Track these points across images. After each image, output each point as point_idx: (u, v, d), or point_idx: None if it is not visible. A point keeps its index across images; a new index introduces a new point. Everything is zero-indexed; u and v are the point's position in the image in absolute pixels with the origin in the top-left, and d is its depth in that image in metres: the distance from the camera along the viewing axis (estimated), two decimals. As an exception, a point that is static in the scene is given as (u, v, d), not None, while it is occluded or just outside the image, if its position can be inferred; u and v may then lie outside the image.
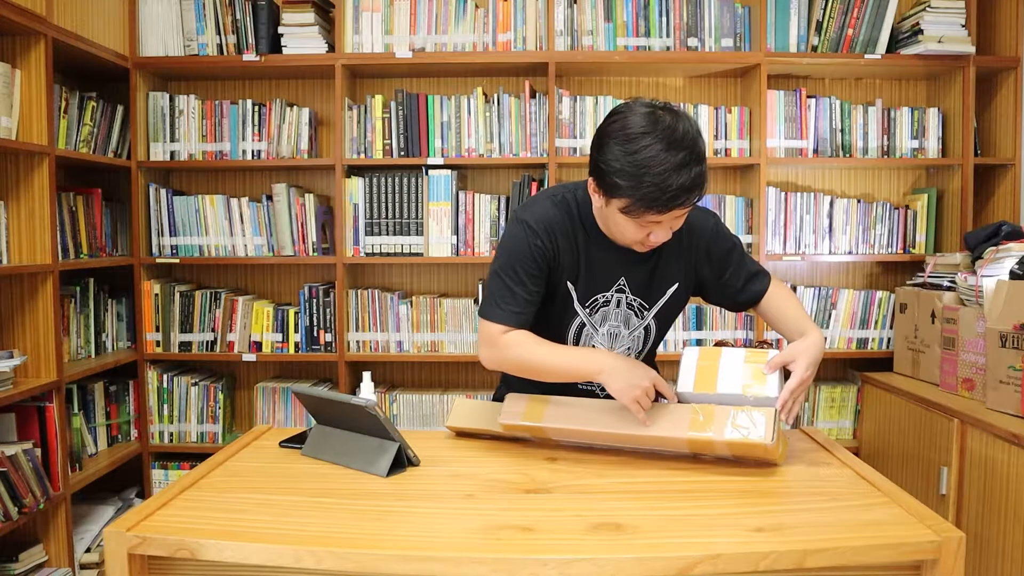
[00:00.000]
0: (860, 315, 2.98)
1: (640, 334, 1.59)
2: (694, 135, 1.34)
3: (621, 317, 1.56)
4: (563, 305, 1.54)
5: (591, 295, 1.53)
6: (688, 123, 1.34)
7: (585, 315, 1.54)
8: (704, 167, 1.35)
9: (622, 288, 1.53)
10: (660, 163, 1.29)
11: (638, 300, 1.55)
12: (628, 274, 1.53)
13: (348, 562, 1.10)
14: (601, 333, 1.56)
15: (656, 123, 1.32)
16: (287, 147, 2.95)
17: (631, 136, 1.32)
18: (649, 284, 1.55)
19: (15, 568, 2.33)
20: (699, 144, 1.34)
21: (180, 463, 3.03)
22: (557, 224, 1.48)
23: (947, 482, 2.31)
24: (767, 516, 1.21)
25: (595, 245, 1.50)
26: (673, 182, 1.30)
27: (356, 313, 2.96)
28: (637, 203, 1.33)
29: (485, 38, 2.90)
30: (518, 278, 1.47)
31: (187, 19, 2.90)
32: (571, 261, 1.50)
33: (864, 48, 2.87)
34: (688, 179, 1.30)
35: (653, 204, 1.31)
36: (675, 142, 1.31)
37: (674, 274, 1.56)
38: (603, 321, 1.56)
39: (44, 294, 2.43)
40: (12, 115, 2.33)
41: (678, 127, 1.32)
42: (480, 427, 1.64)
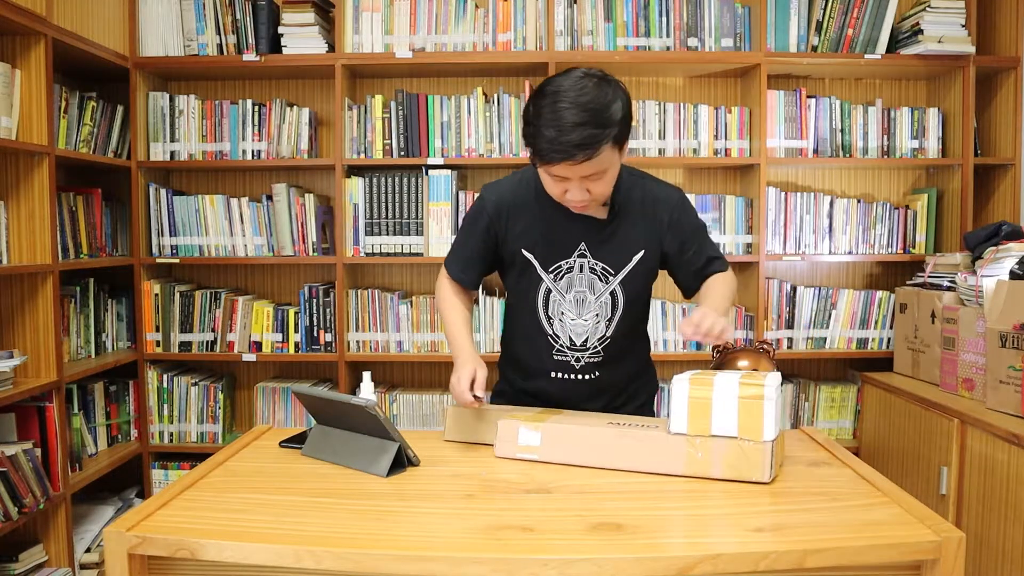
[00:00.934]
0: (860, 315, 2.98)
1: (607, 300, 1.63)
2: (605, 103, 1.40)
3: (586, 283, 1.61)
4: (526, 272, 1.63)
5: (554, 261, 1.61)
6: (608, 92, 1.42)
7: (550, 281, 1.62)
8: (604, 132, 1.39)
9: (583, 253, 1.60)
10: (555, 118, 1.38)
11: (601, 265, 1.61)
12: (588, 239, 1.59)
13: (348, 562, 1.10)
14: (568, 299, 1.62)
15: (572, 85, 1.40)
16: (287, 147, 2.95)
17: (545, 92, 1.42)
18: (611, 250, 1.60)
19: (15, 568, 2.33)
20: (606, 111, 1.40)
21: (180, 463, 3.03)
22: (511, 195, 1.63)
23: (947, 482, 2.31)
24: (767, 516, 1.21)
25: (554, 214, 1.58)
26: (559, 136, 1.37)
27: (356, 313, 2.96)
28: (535, 153, 1.44)
29: (485, 38, 2.90)
30: (464, 238, 1.69)
31: (187, 19, 2.90)
32: (525, 229, 1.61)
33: (864, 48, 2.87)
34: (578, 137, 1.37)
35: (543, 155, 1.41)
36: (579, 104, 1.38)
37: (638, 241, 1.61)
38: (569, 287, 1.62)
39: (44, 294, 2.43)
40: (12, 115, 2.33)
41: (590, 91, 1.40)
42: (479, 440, 1.60)
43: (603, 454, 1.44)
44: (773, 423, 1.33)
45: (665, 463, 1.39)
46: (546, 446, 1.48)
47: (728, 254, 2.95)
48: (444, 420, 1.66)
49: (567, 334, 1.65)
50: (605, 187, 1.49)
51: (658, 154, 2.94)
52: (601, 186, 1.48)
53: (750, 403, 1.33)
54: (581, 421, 1.52)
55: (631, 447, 1.42)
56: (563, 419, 1.54)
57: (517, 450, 1.49)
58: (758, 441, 1.33)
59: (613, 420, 1.52)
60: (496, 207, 1.63)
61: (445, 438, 1.64)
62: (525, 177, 1.64)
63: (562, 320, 1.63)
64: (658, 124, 2.94)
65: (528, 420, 1.51)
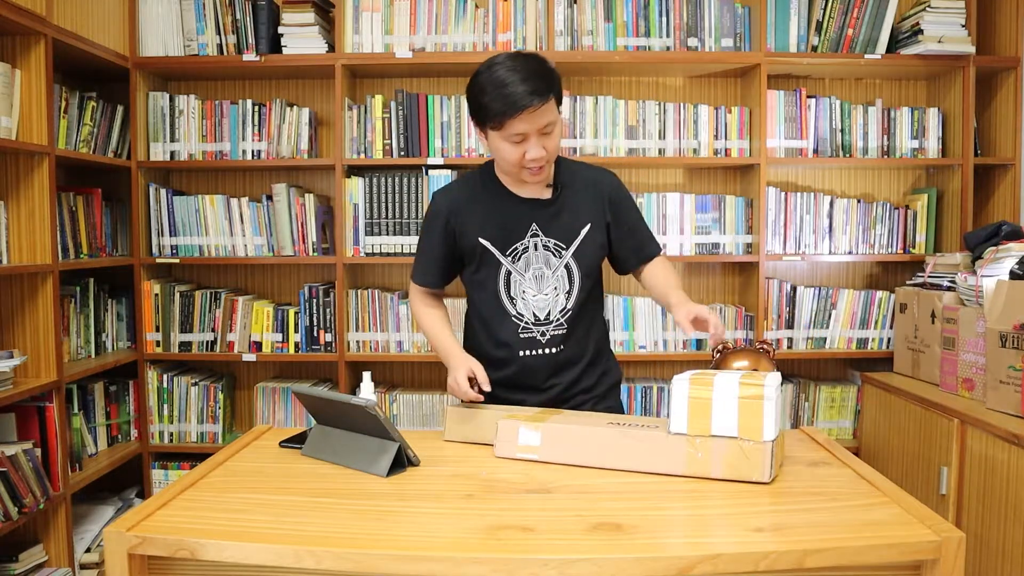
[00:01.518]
0: (860, 315, 2.98)
1: (563, 273, 1.73)
2: (538, 62, 1.59)
3: (542, 259, 1.72)
4: (485, 260, 1.73)
5: (510, 244, 1.72)
6: (536, 58, 1.60)
7: (508, 263, 1.72)
8: (548, 81, 1.57)
9: (536, 233, 1.71)
10: (501, 80, 1.54)
11: (553, 241, 1.72)
12: (537, 219, 1.71)
13: (348, 562, 1.10)
14: (528, 278, 1.72)
15: (503, 59, 1.58)
16: (287, 147, 2.95)
17: (480, 72, 1.59)
18: (560, 226, 1.72)
19: (15, 568, 2.33)
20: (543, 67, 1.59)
21: (180, 463, 3.03)
22: (460, 192, 1.76)
23: (947, 482, 2.31)
24: (767, 516, 1.22)
25: (502, 201, 1.72)
26: (510, 90, 1.53)
27: (356, 313, 2.96)
28: (492, 118, 1.56)
29: (485, 38, 2.90)
30: (425, 244, 1.79)
31: (187, 19, 2.90)
32: (478, 220, 1.72)
33: (864, 48, 2.87)
34: (530, 86, 1.53)
35: (501, 114, 1.54)
36: (516, 68, 1.55)
37: (583, 216, 1.73)
38: (527, 266, 1.72)
39: (44, 294, 2.43)
40: (12, 115, 2.33)
41: (521, 59, 1.57)
42: (479, 440, 1.62)
43: (603, 454, 1.44)
44: (773, 423, 1.33)
45: (665, 463, 1.40)
46: (546, 446, 1.48)
47: (728, 254, 2.96)
48: (444, 420, 1.67)
49: (530, 310, 1.74)
50: (555, 143, 1.63)
51: (658, 154, 2.93)
52: (553, 142, 1.62)
53: (750, 403, 1.33)
54: (581, 421, 1.53)
55: (631, 447, 1.42)
56: (563, 419, 1.54)
57: (517, 450, 1.50)
58: (758, 441, 1.33)
59: (613, 420, 1.52)
60: (449, 206, 1.74)
61: (445, 438, 1.64)
62: (469, 176, 1.79)
63: (524, 298, 1.73)
64: (658, 124, 2.94)
65: (528, 420, 1.52)
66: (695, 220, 2.95)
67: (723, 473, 1.36)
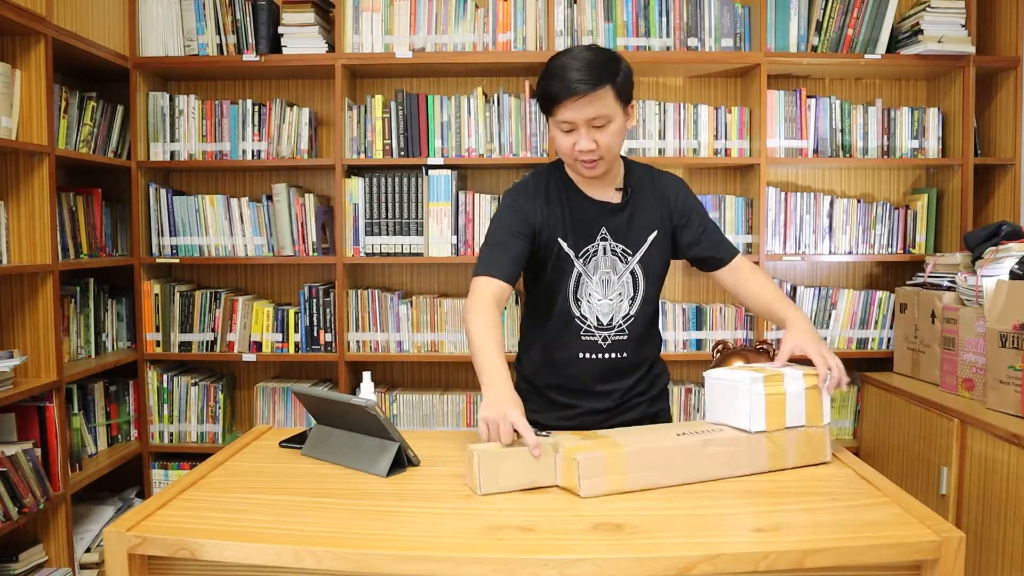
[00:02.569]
0: (860, 315, 2.98)
1: (628, 279, 1.72)
2: (608, 56, 1.58)
3: (609, 264, 1.70)
4: (560, 260, 1.69)
5: (582, 247, 1.69)
6: (609, 52, 1.60)
7: (580, 266, 1.69)
8: (604, 72, 1.54)
9: (605, 237, 1.69)
10: (563, 66, 1.55)
11: (621, 247, 1.70)
12: (607, 223, 1.69)
13: (348, 562, 1.10)
14: (595, 281, 1.70)
15: (578, 48, 1.60)
16: (287, 147, 2.95)
17: (554, 57, 1.61)
18: (628, 231, 1.70)
19: (15, 568, 2.33)
20: (608, 61, 1.57)
21: (180, 463, 3.03)
22: (536, 188, 1.70)
23: (947, 482, 2.31)
24: (767, 516, 1.22)
25: (575, 202, 1.69)
26: (564, 75, 1.54)
27: (356, 313, 2.96)
28: (546, 102, 1.57)
29: (485, 38, 2.90)
30: (502, 238, 1.66)
31: (187, 19, 2.90)
32: (555, 218, 1.68)
33: (864, 48, 2.87)
34: (579, 74, 1.53)
35: (552, 98, 1.55)
36: (581, 57, 1.56)
37: (651, 223, 1.72)
38: (595, 270, 1.70)
39: (44, 294, 2.42)
40: (12, 115, 2.33)
41: (593, 50, 1.58)
42: (528, 485, 1.34)
43: (690, 468, 1.36)
44: (828, 409, 1.46)
45: (751, 463, 1.40)
46: (633, 479, 1.32)
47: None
48: (470, 470, 1.34)
49: (594, 314, 1.71)
50: (610, 138, 1.58)
51: (658, 154, 2.93)
52: (606, 137, 1.57)
53: (814, 392, 1.44)
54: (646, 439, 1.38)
55: (717, 455, 1.38)
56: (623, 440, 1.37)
57: (605, 490, 1.30)
58: (820, 426, 1.45)
59: (668, 430, 1.44)
60: (530, 204, 1.68)
61: (482, 492, 1.31)
62: (541, 173, 1.74)
63: (589, 301, 1.71)
64: (658, 124, 2.94)
65: (591, 449, 1.32)
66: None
67: (795, 462, 1.42)
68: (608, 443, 1.35)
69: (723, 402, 1.47)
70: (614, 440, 1.36)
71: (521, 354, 1.87)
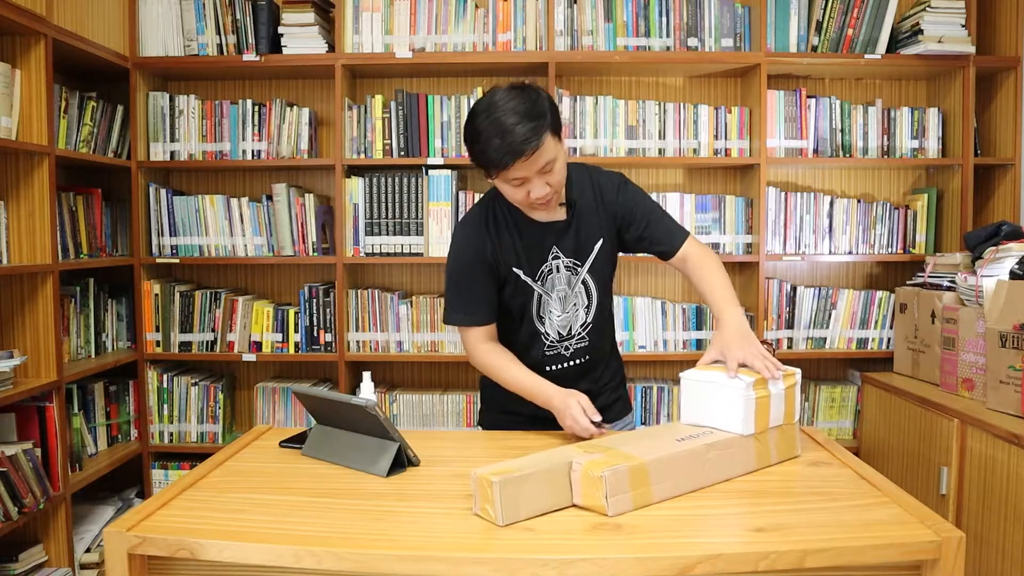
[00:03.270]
0: (860, 315, 2.98)
1: (581, 289, 1.75)
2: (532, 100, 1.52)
3: (564, 280, 1.73)
4: (519, 287, 1.72)
5: (537, 269, 1.71)
6: (531, 93, 1.53)
7: (539, 287, 1.72)
8: (541, 123, 1.50)
9: (557, 255, 1.71)
10: (496, 127, 1.49)
11: (571, 260, 1.73)
12: (558, 242, 1.71)
13: (348, 562, 1.10)
14: (554, 299, 1.73)
15: (500, 98, 1.52)
16: (287, 147, 2.95)
17: (477, 112, 1.54)
18: (576, 244, 1.72)
19: (15, 568, 2.33)
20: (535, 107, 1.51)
21: (180, 463, 3.03)
22: (485, 221, 1.70)
23: (947, 482, 2.31)
24: (767, 516, 1.21)
25: (524, 229, 1.70)
26: (505, 139, 1.48)
27: (356, 313, 2.96)
28: (491, 166, 1.53)
29: (485, 38, 2.90)
30: (465, 283, 1.70)
31: (187, 19, 2.90)
32: (509, 249, 1.69)
33: (864, 48, 2.87)
34: (521, 133, 1.48)
35: (498, 163, 1.51)
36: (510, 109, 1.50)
37: (596, 231, 1.73)
38: (552, 288, 1.73)
39: (44, 294, 2.42)
40: (12, 115, 2.33)
41: (515, 97, 1.51)
42: (553, 507, 1.25)
43: (699, 474, 1.34)
44: (798, 405, 1.50)
45: (744, 464, 1.41)
46: (658, 491, 1.28)
47: (728, 254, 2.96)
48: (488, 498, 1.20)
49: (555, 329, 1.75)
50: (559, 176, 1.59)
51: (658, 154, 2.93)
52: (556, 176, 1.58)
53: (790, 392, 1.46)
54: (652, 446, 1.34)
55: (717, 458, 1.37)
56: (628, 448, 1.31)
57: (632, 505, 1.24)
58: (791, 423, 1.48)
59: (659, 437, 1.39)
60: (482, 240, 1.69)
61: (503, 523, 1.19)
62: (485, 206, 1.73)
63: (550, 318, 1.74)
64: (658, 124, 2.94)
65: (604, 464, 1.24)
66: (695, 220, 2.95)
67: (776, 458, 1.46)
68: (618, 454, 1.27)
69: (704, 404, 1.46)
70: (620, 451, 1.29)
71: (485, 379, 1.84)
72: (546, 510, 1.23)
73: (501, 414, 1.83)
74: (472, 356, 1.73)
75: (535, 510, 1.22)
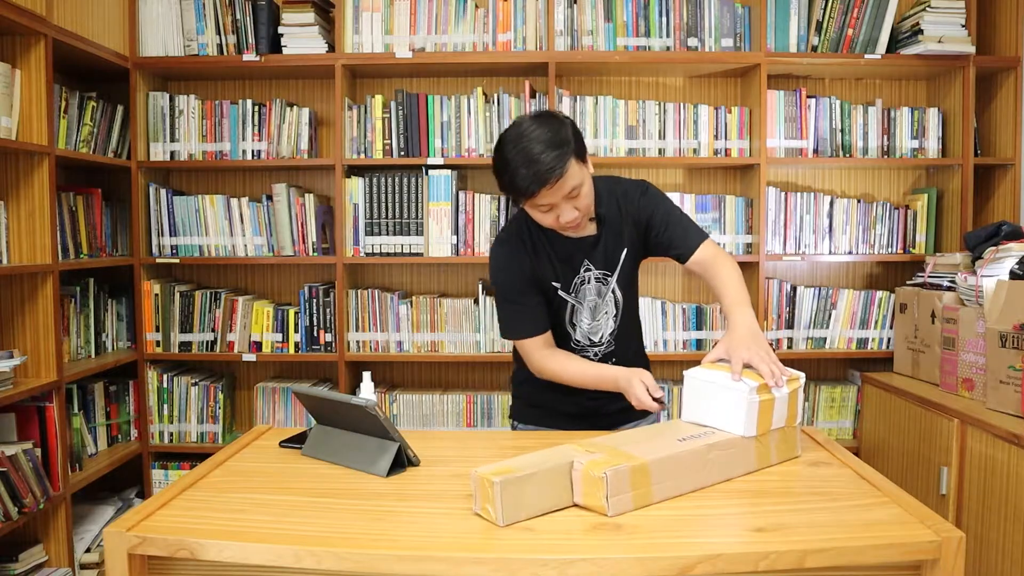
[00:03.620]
0: (860, 315, 2.98)
1: (610, 298, 1.80)
2: (556, 128, 1.58)
3: (594, 291, 1.79)
4: (554, 299, 1.79)
5: (570, 282, 1.78)
6: (554, 122, 1.59)
7: (572, 298, 1.78)
8: (566, 150, 1.55)
9: (588, 267, 1.77)
10: (523, 157, 1.55)
11: (601, 272, 1.78)
12: (589, 256, 1.77)
13: (348, 562, 1.10)
14: (585, 308, 1.79)
15: (525, 128, 1.58)
16: (287, 147, 2.95)
17: (505, 142, 1.60)
18: (605, 256, 1.78)
19: (15, 568, 2.33)
20: (559, 135, 1.57)
21: (180, 463, 3.03)
22: (523, 241, 1.76)
23: (947, 482, 2.31)
24: (767, 516, 1.21)
25: (557, 244, 1.75)
26: (532, 168, 1.54)
27: (356, 313, 2.96)
28: (518, 194, 1.58)
29: (485, 38, 2.90)
30: (515, 300, 1.75)
31: (187, 19, 2.90)
32: (546, 265, 1.76)
33: (864, 48, 2.87)
34: (547, 161, 1.54)
35: (525, 191, 1.57)
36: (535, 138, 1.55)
37: (621, 242, 1.78)
38: (584, 298, 1.78)
39: (44, 294, 2.42)
40: (12, 115, 2.33)
41: (541, 126, 1.57)
42: (546, 510, 1.24)
43: (700, 474, 1.34)
44: (800, 408, 1.50)
45: (744, 465, 1.41)
46: (658, 491, 1.28)
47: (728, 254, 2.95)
48: (488, 498, 1.20)
49: (585, 336, 1.81)
50: (586, 199, 1.65)
51: (658, 154, 2.93)
52: (583, 200, 1.63)
53: (794, 395, 1.46)
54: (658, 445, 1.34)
55: (718, 459, 1.37)
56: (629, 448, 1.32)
57: (633, 505, 1.24)
58: (793, 426, 1.48)
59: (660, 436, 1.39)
60: (522, 259, 1.75)
61: (504, 523, 1.18)
62: (518, 225, 1.78)
63: (580, 326, 1.81)
64: (658, 124, 2.94)
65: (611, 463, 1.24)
66: (695, 220, 2.94)
67: (776, 459, 1.46)
68: (619, 454, 1.27)
69: (707, 404, 1.45)
70: (621, 450, 1.29)
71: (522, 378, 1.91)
72: (546, 510, 1.23)
73: (531, 408, 1.92)
74: (532, 364, 1.78)
75: (535, 510, 1.22)
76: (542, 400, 1.87)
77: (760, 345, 1.49)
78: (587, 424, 1.80)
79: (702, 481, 1.34)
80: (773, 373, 1.43)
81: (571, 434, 1.65)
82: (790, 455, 1.49)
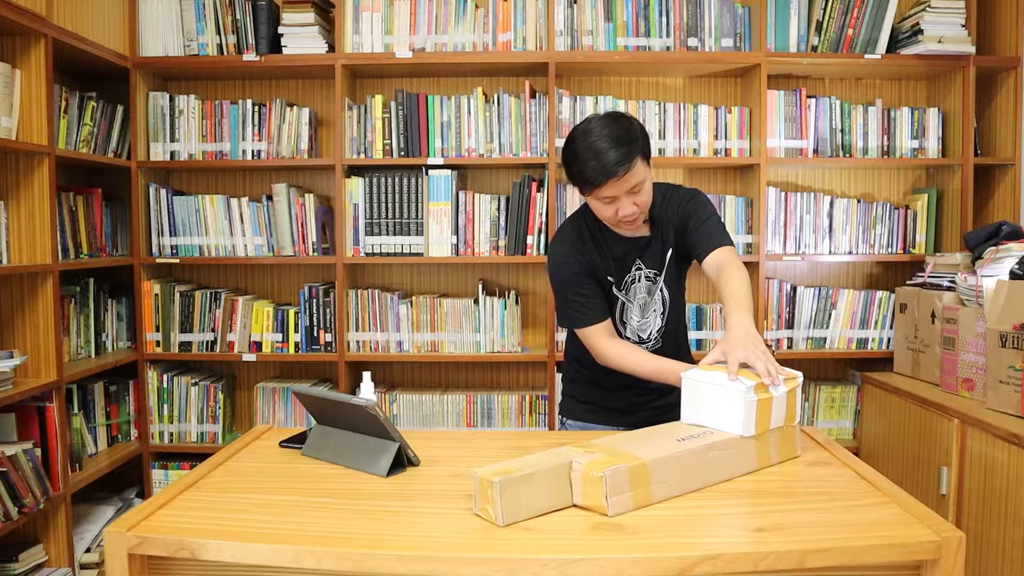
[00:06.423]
0: (860, 315, 2.98)
1: (659, 296, 1.88)
2: (625, 127, 1.67)
3: (644, 289, 1.86)
4: (608, 296, 1.86)
5: (623, 280, 1.85)
6: (623, 120, 1.69)
7: (624, 296, 1.86)
8: (633, 147, 1.65)
9: (640, 267, 1.85)
10: (593, 150, 1.65)
11: (651, 271, 1.86)
12: (641, 256, 1.84)
13: (348, 562, 1.10)
14: (636, 306, 1.87)
15: (596, 124, 1.67)
16: (287, 147, 2.95)
17: (576, 136, 1.70)
18: (655, 257, 1.85)
19: (15, 568, 2.33)
20: (628, 133, 1.66)
21: (180, 463, 3.03)
22: (582, 239, 1.84)
23: (947, 482, 2.31)
24: (767, 516, 1.21)
25: (612, 243, 1.83)
26: (600, 161, 1.63)
27: (356, 313, 2.96)
28: (585, 184, 1.68)
29: (485, 38, 2.90)
30: (576, 292, 1.81)
31: (187, 19, 2.90)
32: (600, 263, 1.83)
33: (864, 48, 2.87)
34: (614, 156, 1.63)
35: (592, 181, 1.65)
36: (605, 135, 1.65)
37: (668, 242, 1.86)
38: (634, 296, 1.86)
39: (44, 294, 2.43)
40: (12, 115, 2.33)
41: (611, 124, 1.67)
42: (554, 507, 1.24)
43: (700, 474, 1.34)
44: (799, 408, 1.51)
45: (744, 465, 1.42)
46: (658, 491, 1.28)
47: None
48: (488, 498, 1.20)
49: (635, 333, 1.88)
50: (646, 197, 1.73)
51: (658, 154, 2.93)
52: (643, 196, 1.72)
53: (792, 394, 1.47)
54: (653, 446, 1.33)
55: (718, 459, 1.37)
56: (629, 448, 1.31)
57: (633, 505, 1.24)
58: (792, 424, 1.49)
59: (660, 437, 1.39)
60: (580, 256, 1.82)
61: (504, 523, 1.18)
62: (577, 220, 1.87)
63: (629, 323, 1.88)
64: (658, 124, 2.94)
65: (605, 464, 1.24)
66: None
67: (776, 459, 1.46)
68: (619, 454, 1.27)
69: (705, 404, 1.46)
70: (620, 451, 1.29)
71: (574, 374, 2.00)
72: (546, 510, 1.23)
73: (580, 404, 1.98)
74: (596, 351, 1.82)
75: (535, 510, 1.22)
76: (591, 397, 1.95)
77: (756, 345, 1.49)
78: (633, 419, 1.84)
79: (702, 481, 1.34)
80: (769, 372, 1.43)
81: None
82: (790, 455, 1.50)
